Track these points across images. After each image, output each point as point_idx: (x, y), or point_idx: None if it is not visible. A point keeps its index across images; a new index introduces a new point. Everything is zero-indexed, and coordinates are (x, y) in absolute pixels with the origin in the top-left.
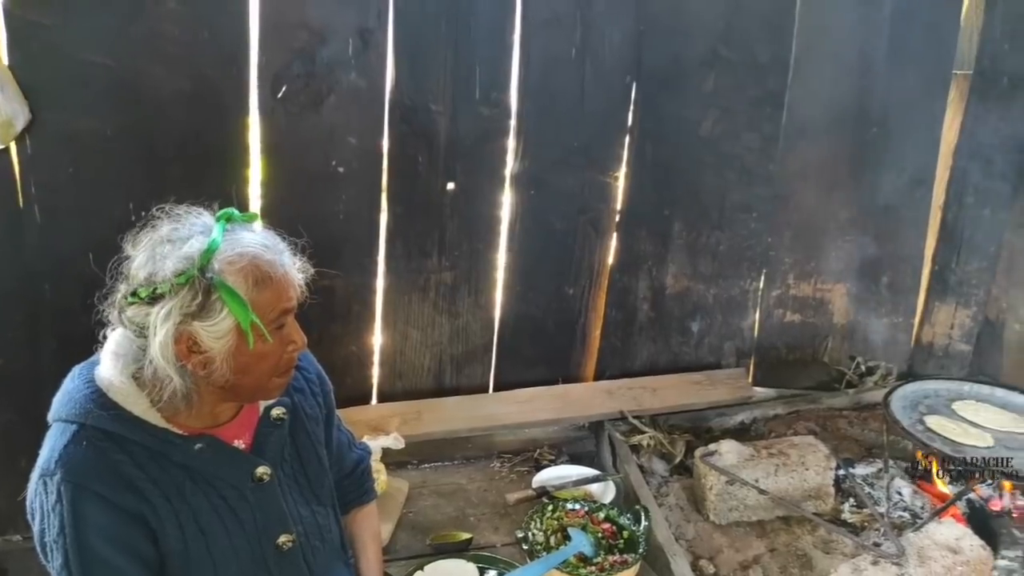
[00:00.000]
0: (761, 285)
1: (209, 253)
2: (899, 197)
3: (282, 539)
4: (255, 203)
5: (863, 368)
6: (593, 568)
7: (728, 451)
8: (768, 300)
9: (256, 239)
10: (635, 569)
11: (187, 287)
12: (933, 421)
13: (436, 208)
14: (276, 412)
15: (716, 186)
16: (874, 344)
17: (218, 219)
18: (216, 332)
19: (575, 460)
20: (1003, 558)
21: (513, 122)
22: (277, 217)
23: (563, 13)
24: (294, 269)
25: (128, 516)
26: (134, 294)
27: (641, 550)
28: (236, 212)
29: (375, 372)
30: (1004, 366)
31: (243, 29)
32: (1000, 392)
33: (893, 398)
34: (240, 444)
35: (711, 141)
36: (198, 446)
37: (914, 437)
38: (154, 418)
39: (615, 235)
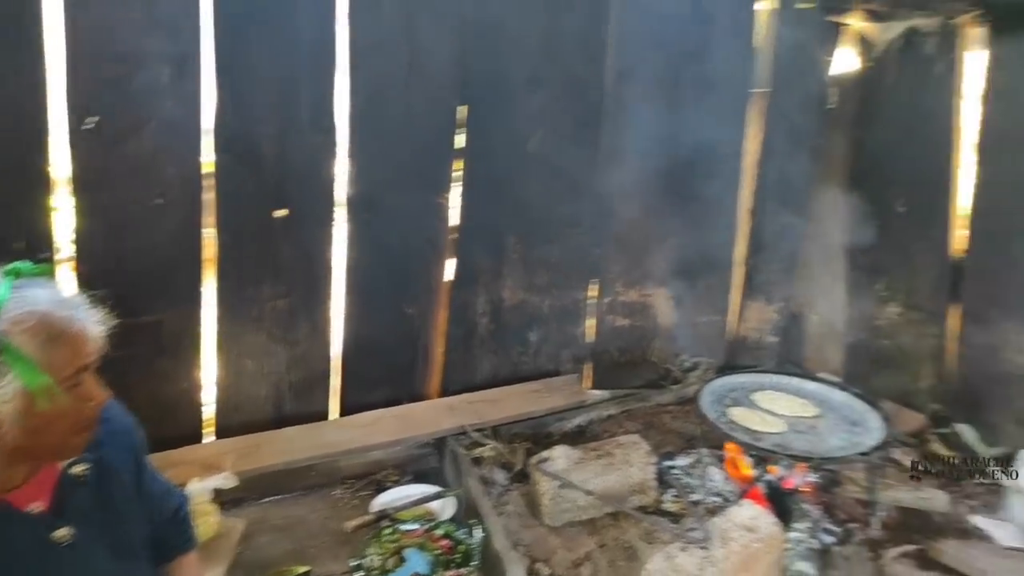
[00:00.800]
0: (592, 294)
1: None
2: (712, 205)
3: None
4: (66, 240)
5: (686, 364)
6: None
7: (560, 456)
8: (600, 307)
9: (47, 295)
10: None
11: None
12: (736, 413)
13: (267, 235)
14: (77, 469)
15: (546, 201)
16: (696, 341)
17: (5, 275)
18: (2, 396)
19: (419, 479)
20: (794, 530)
21: (344, 146)
22: (93, 252)
23: (389, 37)
24: (91, 323)
25: None
26: None
27: (474, 562)
28: (25, 266)
29: (211, 408)
30: (807, 354)
31: (41, 60)
32: (795, 381)
33: (703, 394)
34: (36, 507)
35: (539, 158)
36: None
37: (719, 429)
38: None
39: (452, 253)
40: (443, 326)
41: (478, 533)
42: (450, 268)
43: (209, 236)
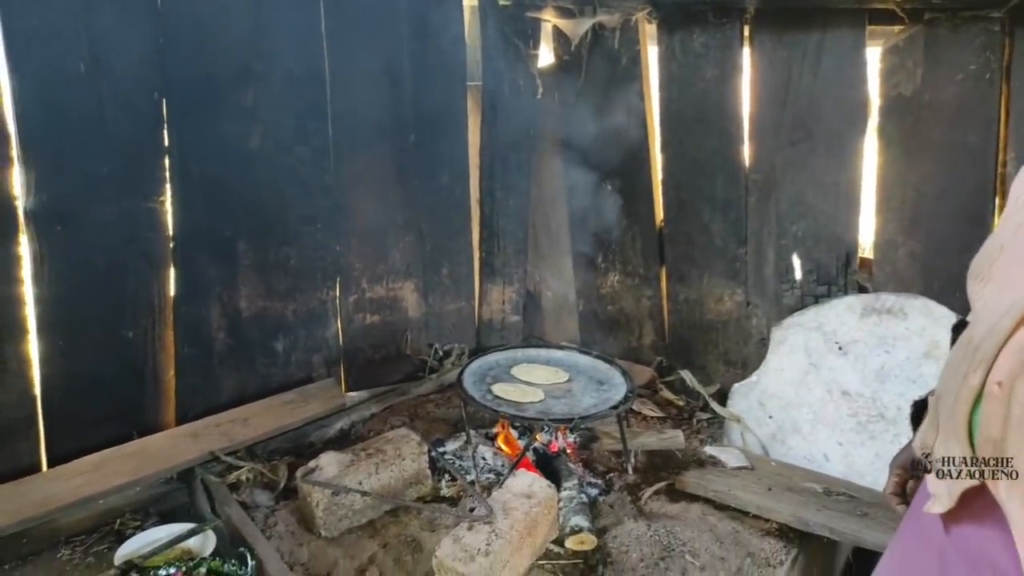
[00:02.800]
0: (337, 293)
1: None
2: (444, 196)
3: None
4: None
5: (441, 353)
6: None
7: (328, 463)
8: (347, 307)
9: None
10: None
11: None
12: (498, 388)
13: None
14: None
15: (276, 201)
16: (446, 329)
17: None
18: None
19: (167, 518)
20: (565, 489)
21: (15, 149)
22: None
23: (61, 24)
24: None
25: None
26: None
27: None
28: None
29: None
30: (546, 327)
31: None
32: (544, 352)
33: (465, 375)
34: None
35: (262, 156)
36: None
37: (485, 406)
38: None
39: (172, 264)
40: (172, 347)
41: (252, 561)
42: (172, 281)
43: None
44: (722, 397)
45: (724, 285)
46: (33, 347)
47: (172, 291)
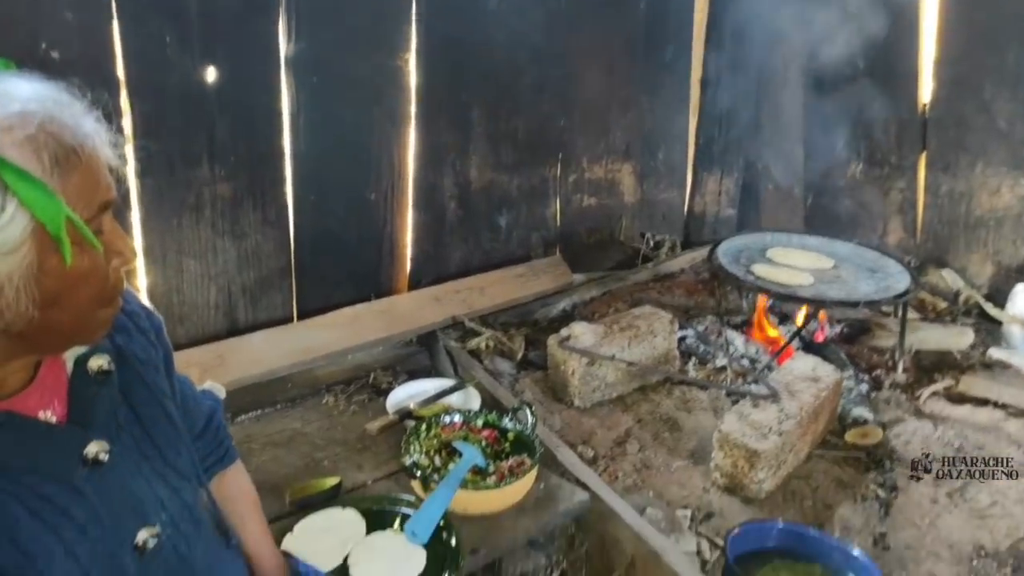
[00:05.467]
0: (559, 171)
1: None
2: (666, 71)
3: (142, 536)
4: None
5: (651, 243)
6: (492, 477)
7: (582, 332)
8: (567, 186)
9: (38, 91)
10: (536, 469)
11: None
12: (759, 269)
13: (198, 102)
14: (96, 363)
15: (509, 67)
16: (657, 219)
17: None
18: (2, 245)
19: (414, 377)
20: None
21: None
22: None
23: None
24: (103, 141)
25: None
26: None
27: (538, 447)
28: None
29: None
30: (762, 222)
31: None
32: (796, 237)
33: (718, 255)
34: (48, 416)
35: (499, 18)
36: None
37: (750, 285)
38: None
39: (414, 126)
40: (409, 212)
41: (527, 416)
42: (412, 145)
43: (122, 103)
44: (995, 298)
45: (1004, 175)
46: (289, 200)
47: (411, 155)
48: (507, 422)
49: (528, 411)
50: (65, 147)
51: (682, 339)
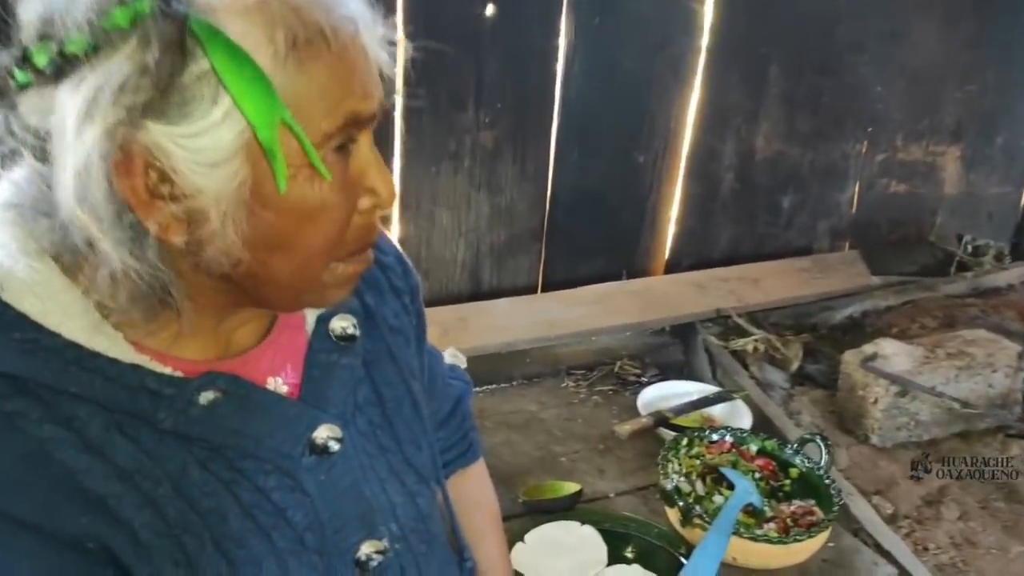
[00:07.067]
0: (864, 148)
1: None
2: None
3: (365, 551)
4: None
5: (970, 248)
6: (772, 524)
7: (894, 353)
8: (871, 166)
9: None
10: (829, 530)
11: (133, 39)
12: None
13: (471, 40)
14: (340, 325)
15: (822, 17)
16: (982, 218)
17: None
18: (205, 148)
19: (664, 373)
20: None
21: None
22: None
23: None
24: (373, 31)
25: (76, 557)
26: (25, 60)
27: (836, 498)
28: None
29: None
30: None
31: None
32: None
33: None
34: (278, 385)
35: None
36: (207, 396)
37: None
38: (111, 343)
39: (699, 81)
40: (678, 181)
41: (821, 451)
42: (694, 103)
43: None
44: None
45: None
46: (551, 155)
47: (691, 115)
48: (789, 453)
49: (822, 445)
50: (310, 27)
51: None
